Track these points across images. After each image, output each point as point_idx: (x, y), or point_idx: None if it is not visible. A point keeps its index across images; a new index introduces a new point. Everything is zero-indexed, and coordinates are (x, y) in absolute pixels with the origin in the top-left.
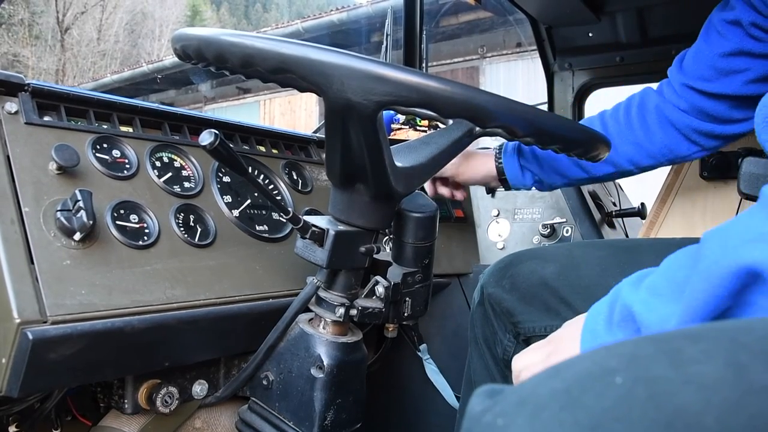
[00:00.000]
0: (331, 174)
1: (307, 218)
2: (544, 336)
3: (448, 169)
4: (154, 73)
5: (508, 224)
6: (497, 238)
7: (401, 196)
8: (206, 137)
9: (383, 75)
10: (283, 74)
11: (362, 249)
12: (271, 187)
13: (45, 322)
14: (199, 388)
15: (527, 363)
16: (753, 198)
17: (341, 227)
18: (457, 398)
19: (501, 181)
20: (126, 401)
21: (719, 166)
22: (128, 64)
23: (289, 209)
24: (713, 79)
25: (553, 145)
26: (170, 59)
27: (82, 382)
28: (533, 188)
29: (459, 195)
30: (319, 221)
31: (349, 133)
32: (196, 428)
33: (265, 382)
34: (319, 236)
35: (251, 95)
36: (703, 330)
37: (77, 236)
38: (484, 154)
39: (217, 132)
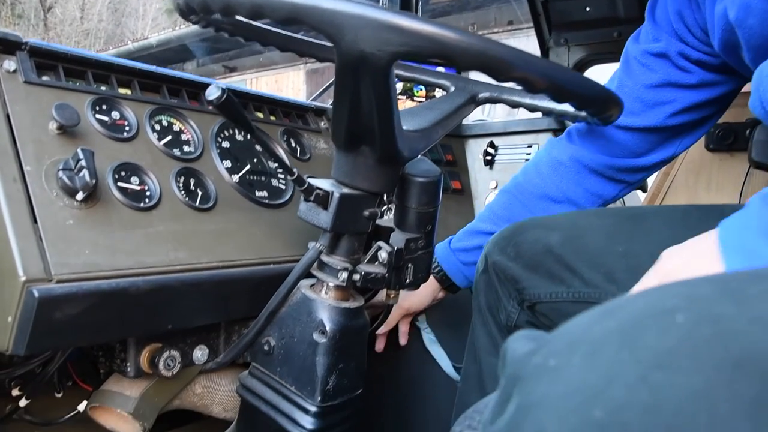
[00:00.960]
0: (337, 136)
1: (311, 180)
2: (548, 302)
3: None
4: (139, 51)
5: None
6: None
7: (406, 160)
8: (213, 91)
9: (399, 24)
10: (293, 24)
11: (366, 213)
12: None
13: (50, 281)
14: (199, 354)
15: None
16: (764, 166)
17: (345, 190)
18: (455, 369)
19: (446, 289)
20: (128, 364)
21: (725, 138)
22: (113, 43)
23: (294, 170)
24: (639, 112)
25: (569, 100)
26: (155, 38)
27: (87, 343)
28: None
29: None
30: (323, 184)
31: (359, 88)
32: (196, 394)
33: (266, 348)
34: (323, 199)
35: (237, 74)
36: (763, 271)
37: (80, 196)
38: None
39: (224, 87)
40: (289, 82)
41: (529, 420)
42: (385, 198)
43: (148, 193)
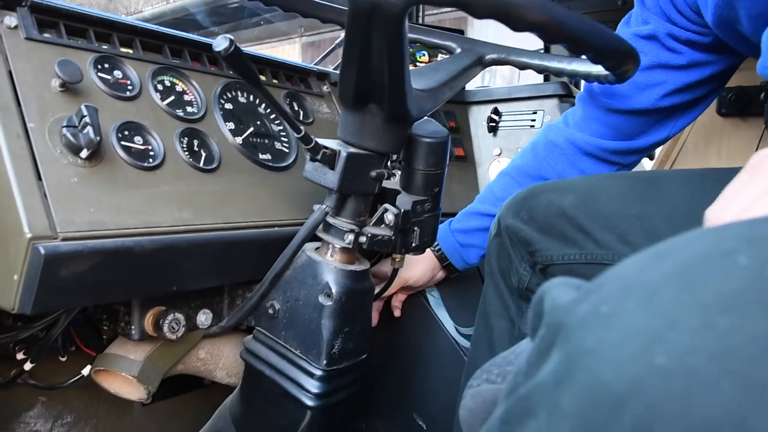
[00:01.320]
0: (344, 94)
1: (318, 140)
2: (561, 264)
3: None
4: None
5: None
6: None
7: (413, 119)
8: (221, 42)
9: None
10: None
11: (373, 173)
12: (273, 116)
13: (56, 239)
14: (203, 318)
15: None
16: None
17: (353, 150)
18: (459, 334)
19: (445, 268)
20: (133, 327)
21: (738, 102)
22: None
23: (301, 128)
24: (631, 94)
25: (587, 51)
26: (149, 11)
27: (92, 302)
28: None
29: (396, 311)
30: (330, 143)
31: (371, 40)
32: (200, 359)
33: (270, 311)
34: (330, 158)
35: None
36: None
37: (84, 153)
38: None
39: (232, 38)
40: (285, 55)
41: (581, 369)
42: (390, 162)
43: (152, 153)
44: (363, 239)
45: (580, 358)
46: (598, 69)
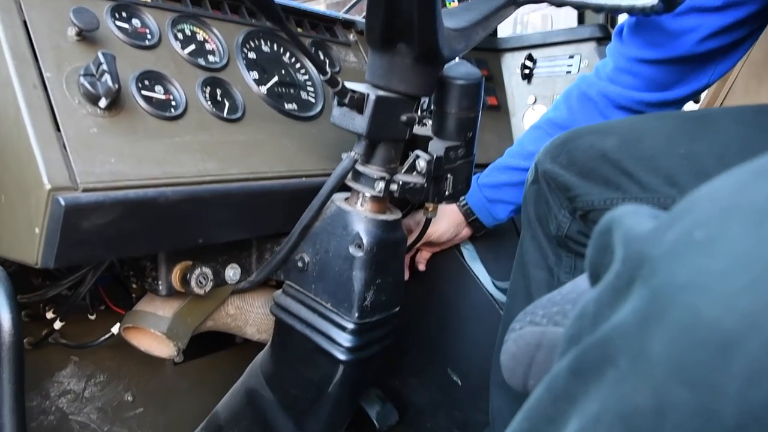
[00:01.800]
0: (372, 33)
1: (346, 83)
2: (603, 210)
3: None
4: None
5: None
6: None
7: (445, 60)
8: None
9: None
10: None
11: (403, 118)
12: (298, 65)
13: (76, 190)
14: (231, 273)
15: None
16: None
17: (381, 92)
18: (496, 287)
19: (471, 225)
20: (160, 282)
21: None
22: None
23: (328, 70)
24: (664, 43)
25: None
26: None
27: (117, 255)
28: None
29: (406, 274)
30: (358, 87)
31: None
32: (229, 315)
33: (300, 264)
34: (358, 102)
35: None
36: None
37: (102, 103)
38: (445, 206)
39: None
40: None
41: (676, 306)
42: (422, 111)
43: (173, 103)
44: (394, 187)
45: (674, 293)
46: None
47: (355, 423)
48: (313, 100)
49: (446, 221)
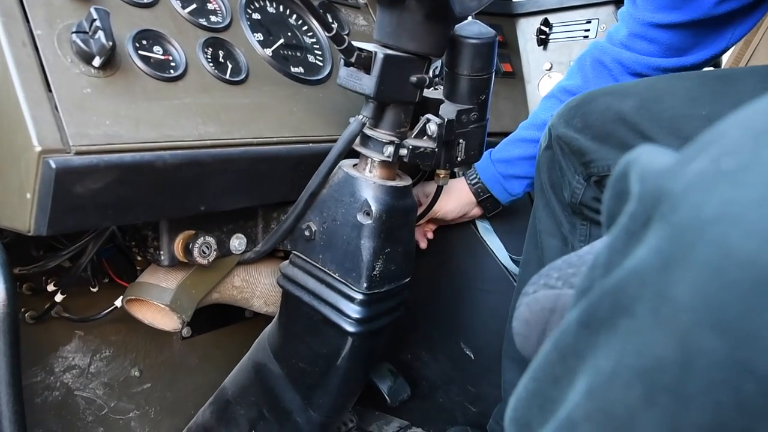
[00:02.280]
0: None
1: (353, 42)
2: None
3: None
4: None
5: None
6: None
7: (456, 19)
8: None
9: None
10: None
11: (413, 78)
12: (305, 28)
13: (68, 153)
14: (237, 242)
15: None
16: None
17: (390, 51)
18: (512, 261)
19: (481, 204)
20: (162, 252)
21: None
22: None
23: (333, 25)
24: (679, 6)
25: None
26: None
27: (113, 222)
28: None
29: (422, 243)
30: (365, 45)
31: None
32: (235, 286)
33: (307, 233)
34: (365, 61)
35: None
36: None
37: (96, 62)
38: (453, 181)
39: None
40: None
41: (705, 242)
42: (434, 76)
43: (173, 64)
44: (404, 152)
45: (701, 228)
46: None
47: (366, 397)
48: (320, 64)
49: (454, 200)
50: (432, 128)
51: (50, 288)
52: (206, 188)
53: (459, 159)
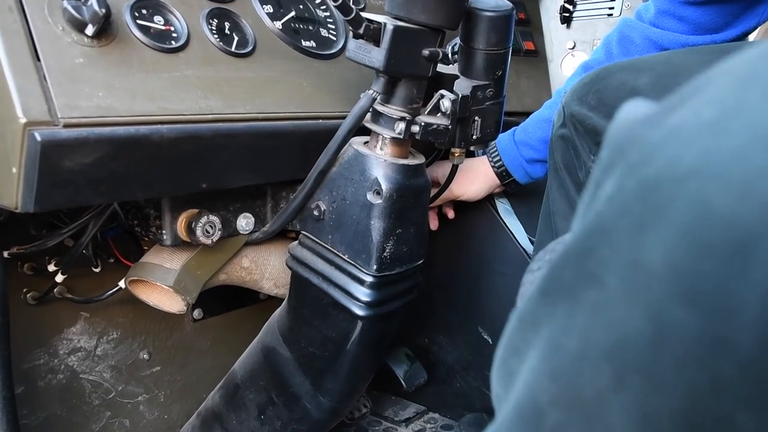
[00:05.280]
0: None
1: (362, 13)
2: None
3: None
4: None
5: (586, 57)
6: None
7: None
8: None
9: None
10: None
11: (425, 52)
12: (318, 0)
13: (56, 125)
14: (244, 222)
15: None
16: None
17: (401, 23)
18: (532, 242)
19: (506, 186)
20: (164, 231)
21: None
22: None
23: None
24: None
25: None
26: None
27: (107, 199)
28: None
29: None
30: (375, 17)
31: None
32: (244, 268)
33: (316, 213)
34: (374, 33)
35: None
36: None
37: (89, 30)
38: (474, 160)
39: None
40: None
41: (680, 198)
42: (452, 54)
43: (174, 34)
44: (416, 129)
45: (677, 182)
46: None
47: (381, 382)
48: (333, 38)
49: (479, 184)
50: (446, 104)
51: (51, 268)
52: (208, 165)
53: (474, 137)
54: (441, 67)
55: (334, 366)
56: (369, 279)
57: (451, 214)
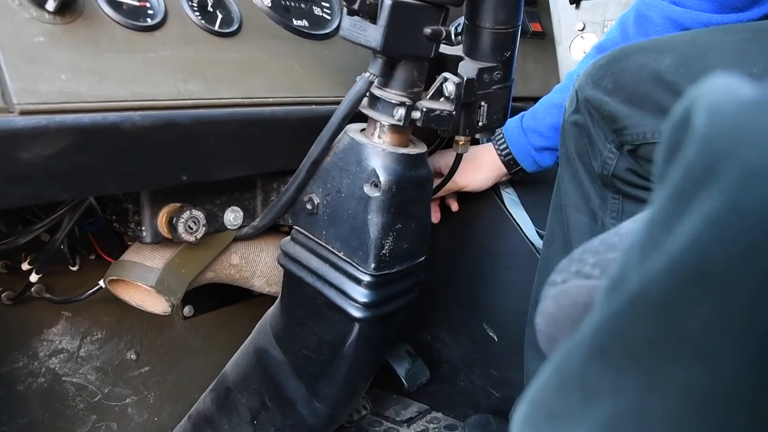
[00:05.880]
0: None
1: None
2: (656, 143)
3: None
4: None
5: (596, 39)
6: (582, 56)
7: None
8: None
9: None
10: None
11: (427, 30)
12: None
13: (11, 112)
14: (232, 216)
15: None
16: None
17: None
18: (540, 236)
19: (513, 174)
20: (143, 228)
21: None
22: None
23: None
24: None
25: None
26: None
27: (75, 195)
28: None
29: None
30: None
31: None
32: (233, 265)
33: (309, 206)
34: (371, 8)
35: None
36: None
37: (50, 5)
38: (480, 148)
39: None
40: None
41: None
42: (454, 31)
43: (150, 11)
44: (417, 115)
45: None
46: None
47: (382, 380)
48: (328, 17)
49: (485, 173)
50: (449, 88)
51: (25, 267)
52: (188, 155)
53: (480, 124)
54: (444, 48)
55: (330, 370)
56: (366, 278)
57: (455, 206)
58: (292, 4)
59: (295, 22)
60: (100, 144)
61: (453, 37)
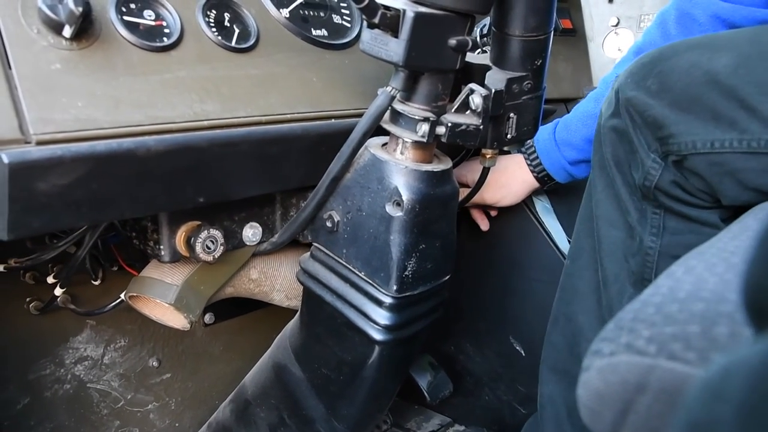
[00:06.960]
0: None
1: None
2: (707, 154)
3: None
4: None
5: (632, 36)
6: (617, 54)
7: None
8: None
9: None
10: None
11: (452, 41)
12: None
13: (28, 143)
14: (251, 233)
15: None
16: None
17: (423, 9)
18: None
19: (547, 188)
20: (162, 247)
21: None
22: None
23: None
24: None
25: None
26: None
27: (90, 222)
28: None
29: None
30: (393, 2)
31: None
32: (252, 280)
33: (329, 224)
34: (392, 21)
35: None
36: None
37: (67, 32)
38: (509, 160)
39: None
40: None
41: None
42: (480, 37)
43: (166, 30)
44: (441, 130)
45: None
46: None
47: (404, 391)
48: (348, 25)
49: (516, 188)
50: (476, 101)
51: (50, 280)
52: (205, 177)
53: (509, 136)
54: (470, 56)
55: (349, 391)
56: (388, 300)
57: (484, 225)
58: (311, 13)
59: (314, 32)
60: (116, 171)
61: (478, 39)
